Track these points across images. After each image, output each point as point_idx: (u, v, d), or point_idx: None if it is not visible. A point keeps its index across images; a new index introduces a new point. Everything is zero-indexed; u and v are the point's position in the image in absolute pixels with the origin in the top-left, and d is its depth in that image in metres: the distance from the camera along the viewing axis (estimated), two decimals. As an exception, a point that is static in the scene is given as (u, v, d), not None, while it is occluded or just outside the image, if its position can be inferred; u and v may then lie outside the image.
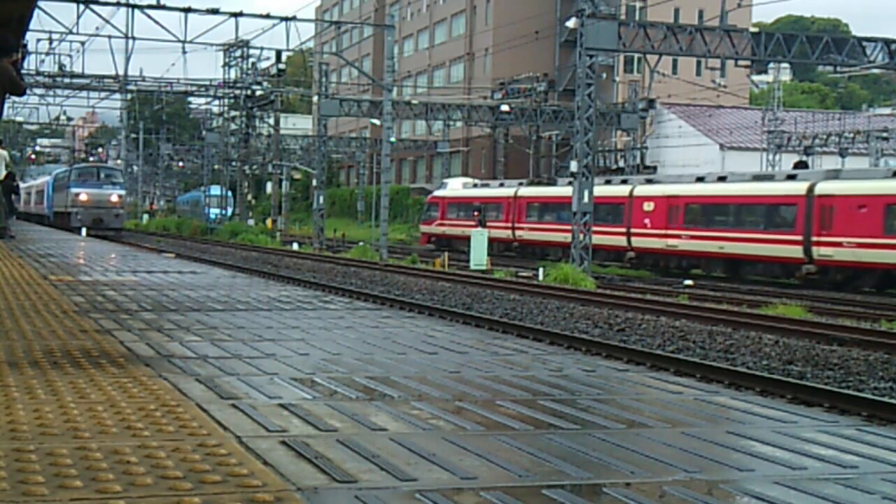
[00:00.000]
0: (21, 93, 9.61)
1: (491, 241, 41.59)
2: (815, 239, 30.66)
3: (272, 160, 62.33)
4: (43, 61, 46.96)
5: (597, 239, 37.76)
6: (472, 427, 3.69)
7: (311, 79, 71.77)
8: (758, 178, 35.39)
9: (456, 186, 53.81)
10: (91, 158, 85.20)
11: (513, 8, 73.39)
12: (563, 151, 64.26)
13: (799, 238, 31.10)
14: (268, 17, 39.80)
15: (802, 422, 4.03)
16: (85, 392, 4.14)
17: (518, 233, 45.76)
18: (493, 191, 50.19)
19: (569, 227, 33.16)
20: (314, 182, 56.72)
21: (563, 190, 40.57)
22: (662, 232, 36.95)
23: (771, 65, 52.67)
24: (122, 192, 56.58)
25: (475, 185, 53.41)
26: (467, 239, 41.32)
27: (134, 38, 40.84)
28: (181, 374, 4.66)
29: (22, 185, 76.63)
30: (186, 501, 2.62)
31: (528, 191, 46.54)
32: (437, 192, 55.77)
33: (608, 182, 41.65)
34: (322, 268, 33.42)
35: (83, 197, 52.31)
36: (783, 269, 32.58)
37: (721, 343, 15.89)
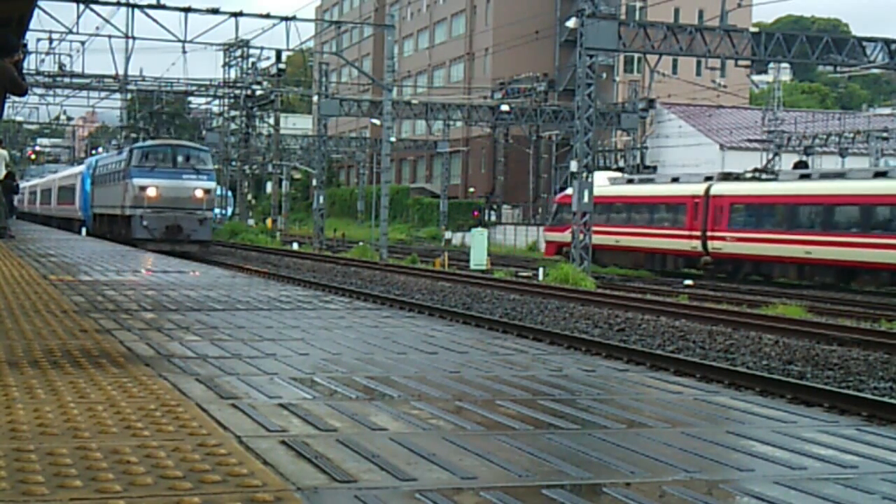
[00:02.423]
0: (22, 93, 9.60)
1: (658, 252, 36.84)
2: None
3: (272, 160, 62.35)
4: (43, 61, 46.95)
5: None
6: (472, 427, 3.69)
7: (311, 79, 71.77)
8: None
9: (600, 182, 41.70)
10: (93, 153, 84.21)
11: (513, 8, 73.39)
12: (563, 151, 64.26)
13: None
14: (268, 16, 39.78)
15: (802, 422, 4.03)
16: (85, 392, 4.14)
17: (714, 244, 34.37)
18: (663, 187, 38.71)
19: (808, 239, 29.66)
20: (314, 182, 56.70)
21: (800, 186, 32.57)
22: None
23: (771, 65, 52.68)
24: (212, 185, 37.54)
25: (630, 181, 42.12)
26: (622, 251, 37.71)
27: (134, 38, 40.81)
28: (181, 374, 4.66)
29: (25, 183, 75.07)
30: (186, 501, 2.62)
31: (731, 188, 34.99)
32: (570, 190, 46.48)
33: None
34: (322, 268, 33.43)
35: (151, 192, 35.09)
36: None
37: (721, 343, 15.89)
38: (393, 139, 52.55)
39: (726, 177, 36.65)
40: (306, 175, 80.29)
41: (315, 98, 62.14)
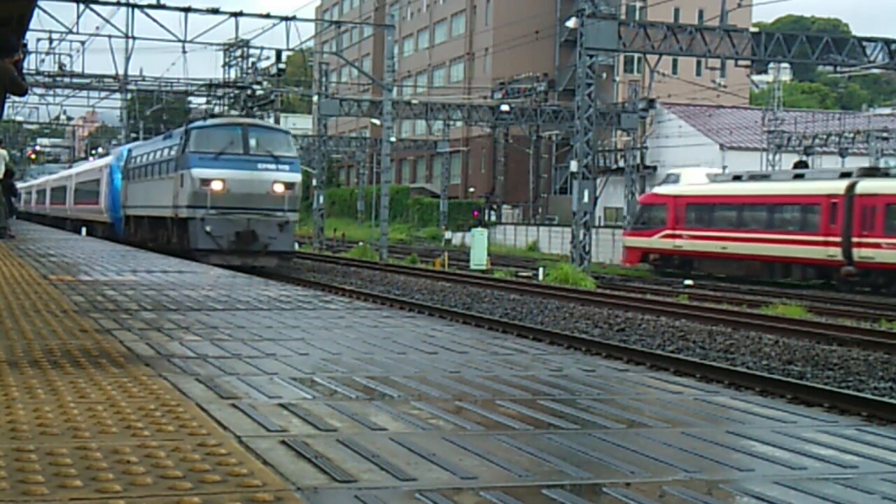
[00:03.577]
0: (22, 92, 9.60)
1: (779, 261, 31.83)
2: None
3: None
4: (43, 61, 46.82)
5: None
6: (472, 427, 3.69)
7: (311, 78, 71.73)
8: None
9: (696, 179, 37.17)
10: (94, 151, 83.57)
11: (513, 8, 73.39)
12: (564, 151, 64.26)
13: None
14: (268, 16, 39.76)
15: (802, 422, 4.03)
16: (85, 392, 4.14)
17: (863, 252, 29.06)
18: (786, 185, 33.26)
19: None
20: (314, 182, 56.65)
21: None
22: None
23: (771, 65, 52.68)
24: (297, 178, 28.44)
25: (737, 178, 35.84)
26: (730, 259, 32.61)
27: (134, 38, 40.73)
28: (181, 374, 4.66)
29: (32, 181, 73.67)
30: (186, 501, 2.62)
31: (884, 185, 29.85)
32: (664, 189, 38.38)
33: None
34: (322, 267, 33.43)
35: (217, 186, 26.55)
36: None
37: (721, 343, 15.89)
38: (393, 139, 52.52)
39: (870, 172, 31.70)
40: (306, 175, 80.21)
41: (315, 98, 62.12)
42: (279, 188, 26.98)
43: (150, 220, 30.98)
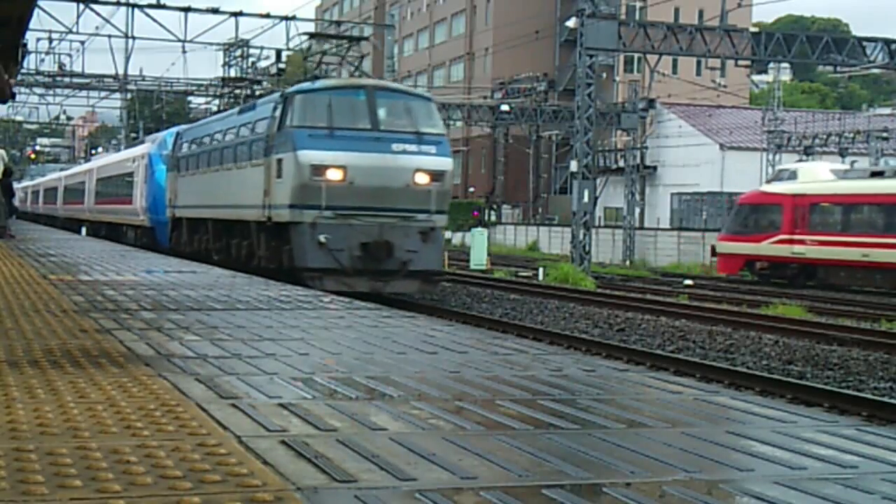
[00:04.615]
0: (3, 99, 9.60)
1: None
2: None
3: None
4: (43, 61, 46.84)
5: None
6: (472, 427, 3.69)
7: (311, 78, 71.65)
8: None
9: (821, 175, 31.31)
10: (93, 152, 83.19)
11: (513, 8, 73.37)
12: (564, 151, 64.25)
13: None
14: (268, 16, 39.79)
15: (802, 422, 4.03)
16: (85, 392, 4.14)
17: None
18: None
19: None
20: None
21: None
22: None
23: (771, 65, 52.68)
24: (447, 165, 19.46)
25: (876, 174, 30.21)
26: (874, 268, 27.46)
27: (134, 38, 40.73)
28: (181, 374, 4.66)
29: (40, 179, 72.06)
30: (186, 501, 2.62)
31: None
32: (777, 187, 31.94)
33: None
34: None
35: (334, 175, 18.15)
36: None
37: (721, 343, 15.88)
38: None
39: None
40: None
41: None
42: (423, 179, 18.27)
43: (217, 225, 22.78)
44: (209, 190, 23.75)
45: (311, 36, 29.52)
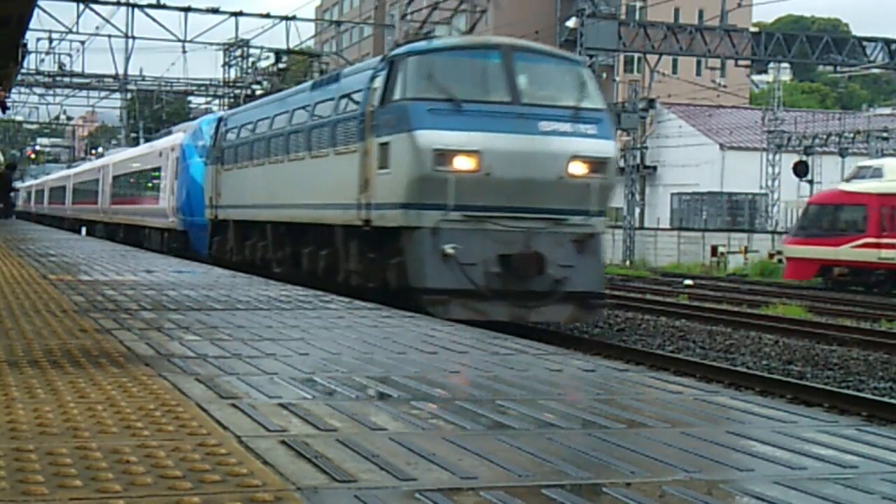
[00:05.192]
0: None
1: None
2: None
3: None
4: (43, 60, 46.84)
5: None
6: (472, 427, 3.69)
7: (311, 78, 71.69)
8: None
9: None
10: (94, 152, 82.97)
11: (513, 7, 73.36)
12: (563, 151, 64.11)
13: None
14: (268, 16, 39.83)
15: (802, 422, 4.03)
16: (85, 391, 4.14)
17: None
18: None
19: None
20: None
21: None
22: None
23: (771, 65, 52.68)
24: (610, 149, 14.33)
25: None
26: None
27: (134, 38, 40.78)
28: (181, 374, 4.66)
29: (44, 178, 70.69)
30: (186, 501, 2.62)
31: None
32: (860, 185, 29.02)
33: None
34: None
35: (464, 163, 13.27)
36: None
37: (721, 343, 15.89)
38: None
39: None
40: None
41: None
42: (580, 168, 13.76)
43: (280, 229, 18.39)
44: (269, 186, 18.97)
45: None
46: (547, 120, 13.72)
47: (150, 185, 30.97)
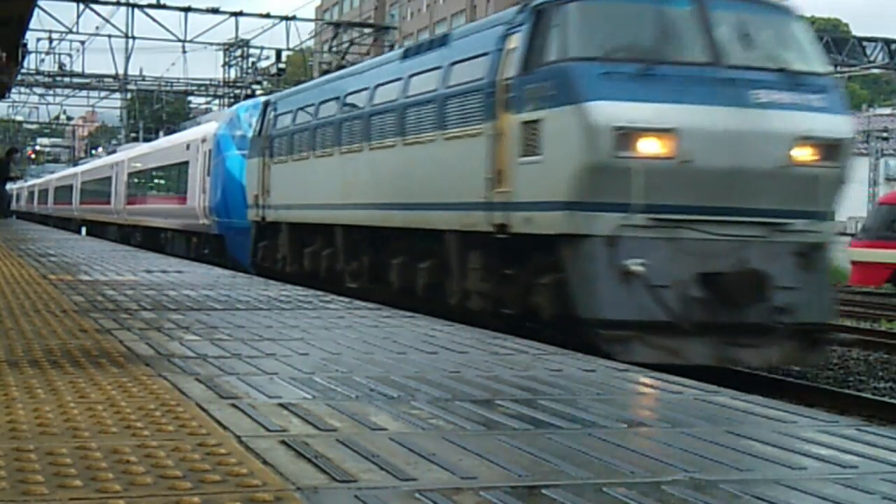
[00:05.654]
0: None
1: None
2: None
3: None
4: (43, 60, 46.86)
5: None
6: (472, 427, 3.69)
7: (311, 78, 71.73)
8: None
9: None
10: (94, 152, 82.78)
11: (512, 7, 73.41)
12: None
13: None
14: (268, 16, 39.82)
15: (802, 422, 4.03)
16: (85, 391, 4.14)
17: None
18: None
19: None
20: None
21: None
22: None
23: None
24: (847, 128, 10.35)
25: None
26: None
27: (134, 38, 40.79)
28: (181, 374, 4.66)
29: (48, 176, 70.20)
30: (186, 501, 2.62)
31: None
32: None
33: None
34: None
35: (651, 146, 9.57)
36: None
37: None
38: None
39: None
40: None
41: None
42: (807, 154, 10.33)
43: (356, 234, 15.04)
44: (342, 181, 15.37)
45: None
46: (761, 88, 10.12)
47: (174, 182, 27.51)
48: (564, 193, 9.91)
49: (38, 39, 45.24)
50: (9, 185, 37.71)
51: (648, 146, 9.71)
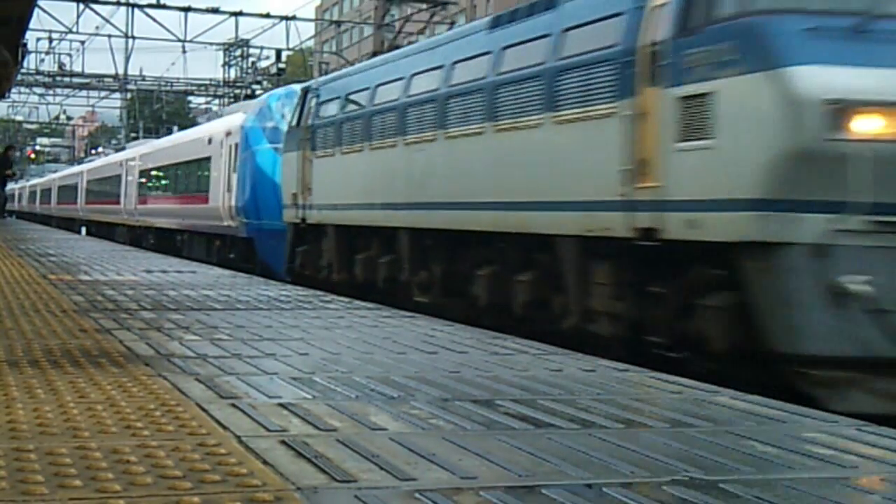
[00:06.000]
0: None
1: None
2: None
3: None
4: (43, 60, 46.80)
5: None
6: (472, 427, 3.69)
7: (311, 78, 71.70)
8: None
9: None
10: (94, 152, 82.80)
11: (512, 6, 73.38)
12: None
13: None
14: (268, 16, 39.80)
15: (802, 422, 4.03)
16: (84, 391, 4.14)
17: None
18: None
19: None
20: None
21: None
22: None
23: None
24: None
25: None
26: None
27: (134, 38, 40.70)
28: (181, 374, 4.66)
29: (52, 176, 69.65)
30: (186, 501, 2.62)
31: None
32: None
33: None
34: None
35: (880, 125, 7.15)
36: None
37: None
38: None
39: None
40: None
41: (315, 98, 61.90)
42: None
43: (425, 239, 12.83)
44: (407, 176, 13.15)
45: None
46: None
47: (194, 180, 25.43)
48: (752, 189, 7.56)
49: (38, 39, 45.21)
50: (9, 186, 37.35)
51: (872, 125, 7.43)
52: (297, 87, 19.70)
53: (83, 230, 39.85)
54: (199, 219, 24.20)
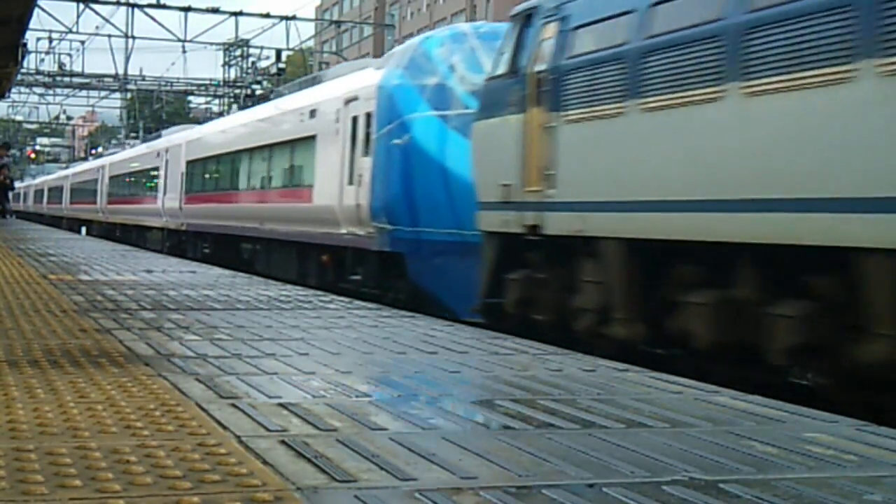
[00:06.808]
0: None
1: None
2: None
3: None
4: (43, 60, 46.80)
5: None
6: (472, 427, 3.69)
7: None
8: None
9: None
10: (94, 152, 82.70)
11: (512, 6, 73.46)
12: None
13: None
14: (268, 16, 39.82)
15: (802, 422, 4.03)
16: (84, 391, 4.13)
17: None
18: None
19: None
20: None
21: None
22: None
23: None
24: None
25: None
26: None
27: (134, 38, 40.71)
28: (181, 374, 4.66)
29: (45, 177, 68.48)
30: (186, 501, 2.61)
31: None
32: None
33: None
34: (322, 267, 33.33)
35: None
36: None
37: (721, 343, 15.87)
38: (393, 139, 52.26)
39: None
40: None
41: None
42: None
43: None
44: (821, 146, 6.34)
45: None
46: None
47: (285, 169, 18.52)
48: None
49: (38, 39, 45.20)
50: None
51: None
52: (482, 24, 13.64)
53: (83, 230, 39.59)
54: (292, 223, 17.38)
